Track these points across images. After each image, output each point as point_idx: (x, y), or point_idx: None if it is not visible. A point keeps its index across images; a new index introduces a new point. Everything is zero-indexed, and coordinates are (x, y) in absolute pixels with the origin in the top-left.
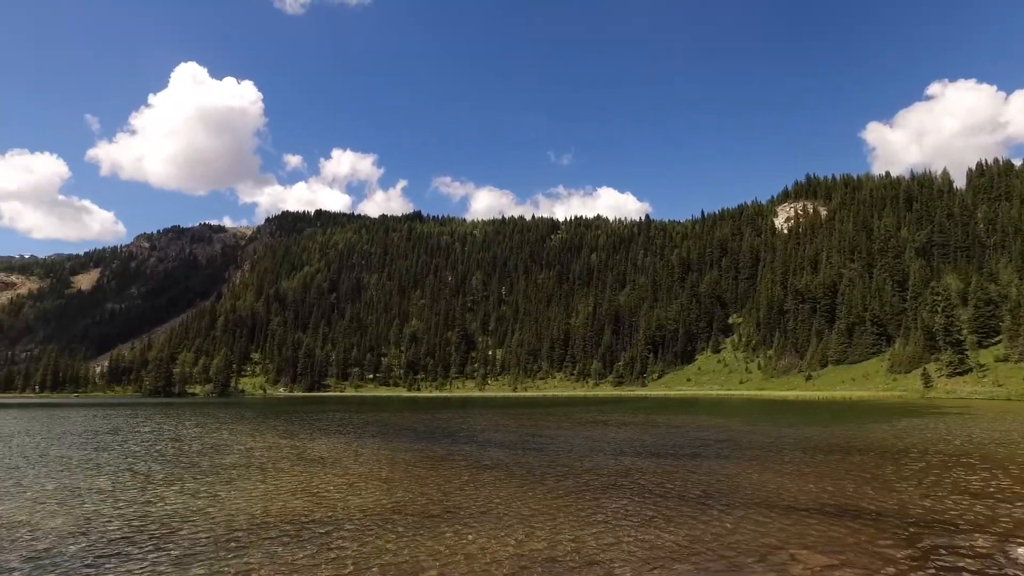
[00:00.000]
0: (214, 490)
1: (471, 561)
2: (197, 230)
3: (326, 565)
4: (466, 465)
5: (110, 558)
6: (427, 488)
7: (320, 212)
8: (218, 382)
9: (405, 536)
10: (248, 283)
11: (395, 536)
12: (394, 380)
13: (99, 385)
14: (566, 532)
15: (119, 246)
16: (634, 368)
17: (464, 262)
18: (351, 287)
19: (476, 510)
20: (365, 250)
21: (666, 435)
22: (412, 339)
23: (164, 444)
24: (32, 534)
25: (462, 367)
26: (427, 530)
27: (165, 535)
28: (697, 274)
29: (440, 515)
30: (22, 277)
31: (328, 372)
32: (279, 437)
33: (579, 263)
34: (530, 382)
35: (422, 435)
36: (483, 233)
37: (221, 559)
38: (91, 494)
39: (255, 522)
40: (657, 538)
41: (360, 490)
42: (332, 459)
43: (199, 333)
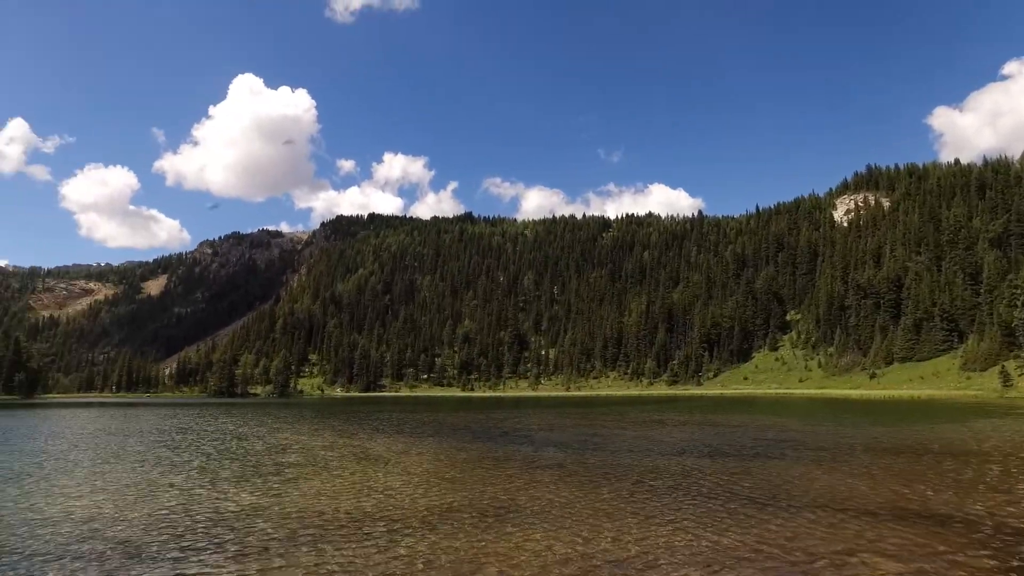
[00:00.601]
0: (279, 488)
1: (535, 560)
2: (256, 236)
3: (391, 562)
4: (524, 465)
5: (186, 550)
6: (487, 487)
7: (373, 215)
8: (278, 383)
9: (467, 534)
10: (305, 286)
11: (458, 534)
12: (448, 380)
13: (168, 386)
14: (629, 532)
15: (184, 253)
16: (689, 367)
17: (516, 262)
18: (404, 289)
19: (537, 510)
20: (418, 252)
21: (725, 435)
22: (465, 339)
23: (230, 443)
24: (117, 525)
25: (515, 367)
26: (489, 529)
27: (236, 530)
28: (752, 270)
29: (501, 514)
30: (99, 284)
31: (383, 372)
32: (339, 436)
33: (631, 261)
34: (583, 382)
35: (479, 435)
36: (534, 233)
37: (290, 554)
38: (166, 489)
39: (320, 519)
40: (722, 540)
41: (421, 488)
42: (392, 458)
43: (259, 335)
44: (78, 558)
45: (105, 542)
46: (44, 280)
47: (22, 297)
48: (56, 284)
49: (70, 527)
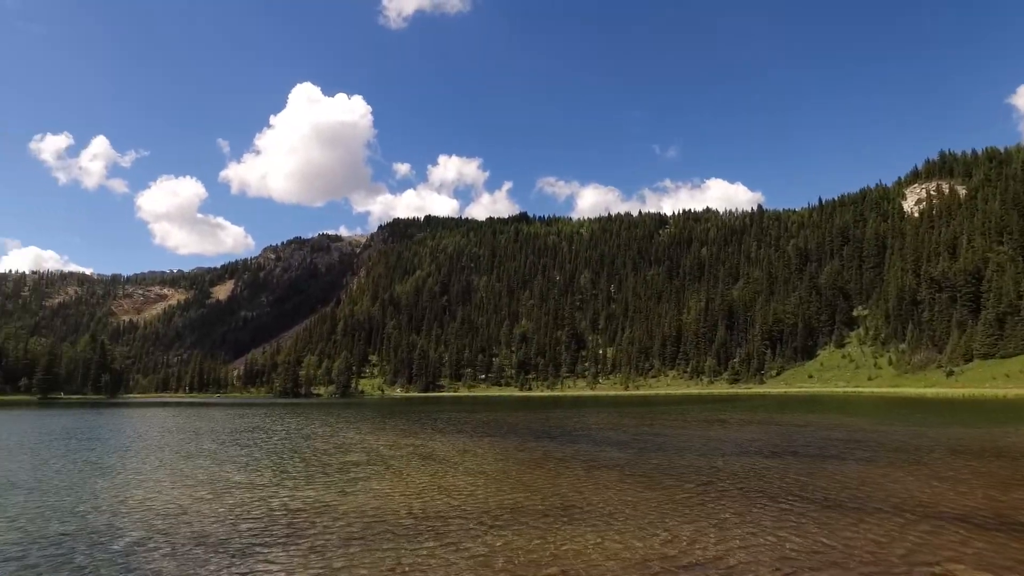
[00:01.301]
0: (345, 486)
1: (599, 561)
2: (316, 240)
3: (461, 560)
4: (587, 464)
5: (258, 544)
6: (548, 487)
7: (429, 218)
8: (339, 383)
9: (529, 534)
10: (364, 289)
11: (520, 534)
12: (506, 380)
13: (236, 386)
14: (691, 534)
15: (249, 258)
16: (750, 365)
17: (572, 261)
18: (461, 289)
19: (599, 510)
20: (474, 253)
21: (793, 434)
22: (522, 339)
23: (297, 442)
24: (193, 518)
25: (573, 366)
26: (551, 529)
27: (305, 526)
28: (816, 264)
29: (563, 514)
30: (172, 289)
31: (442, 373)
32: (401, 436)
33: (689, 258)
34: (642, 380)
35: (540, 434)
36: (590, 231)
37: (358, 551)
38: (236, 486)
39: (386, 517)
40: (789, 544)
41: (481, 488)
42: (453, 457)
43: (321, 337)
44: (158, 548)
45: (182, 534)
46: (124, 287)
47: (105, 303)
48: (134, 290)
49: (151, 518)
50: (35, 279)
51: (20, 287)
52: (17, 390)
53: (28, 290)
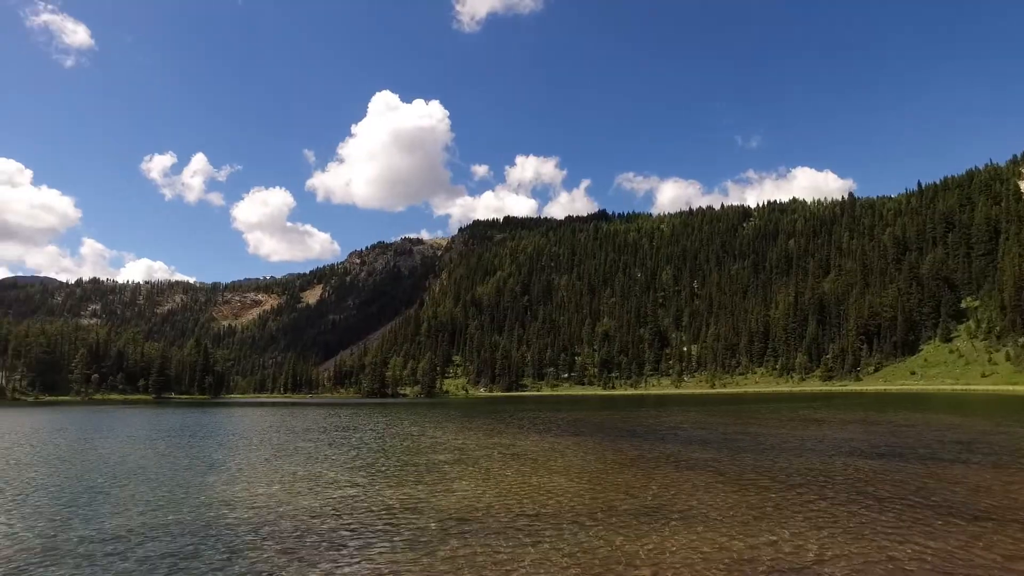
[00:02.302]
0: (435, 483)
1: (694, 562)
2: (399, 244)
3: (553, 557)
4: (674, 464)
5: (354, 538)
6: (638, 486)
7: (508, 218)
8: (424, 383)
9: (617, 533)
10: (446, 290)
11: (607, 532)
12: (588, 379)
13: (327, 387)
14: (789, 537)
15: (336, 263)
16: (845, 361)
17: (653, 257)
18: (542, 289)
19: (692, 511)
20: (553, 252)
21: (896, 435)
22: (604, 338)
23: (387, 441)
24: (292, 513)
25: (656, 364)
26: (638, 528)
27: (397, 522)
28: (916, 253)
29: (654, 514)
30: (265, 295)
31: (524, 372)
32: (487, 435)
33: (775, 250)
34: (728, 378)
35: (623, 433)
36: (670, 226)
37: (446, 546)
38: (333, 482)
39: (473, 514)
40: (896, 553)
41: (568, 486)
42: (540, 456)
43: (406, 339)
44: (262, 539)
45: (284, 526)
46: (223, 294)
47: (207, 309)
48: (232, 297)
49: (255, 511)
50: (148, 288)
51: (136, 296)
52: (136, 390)
53: (142, 298)
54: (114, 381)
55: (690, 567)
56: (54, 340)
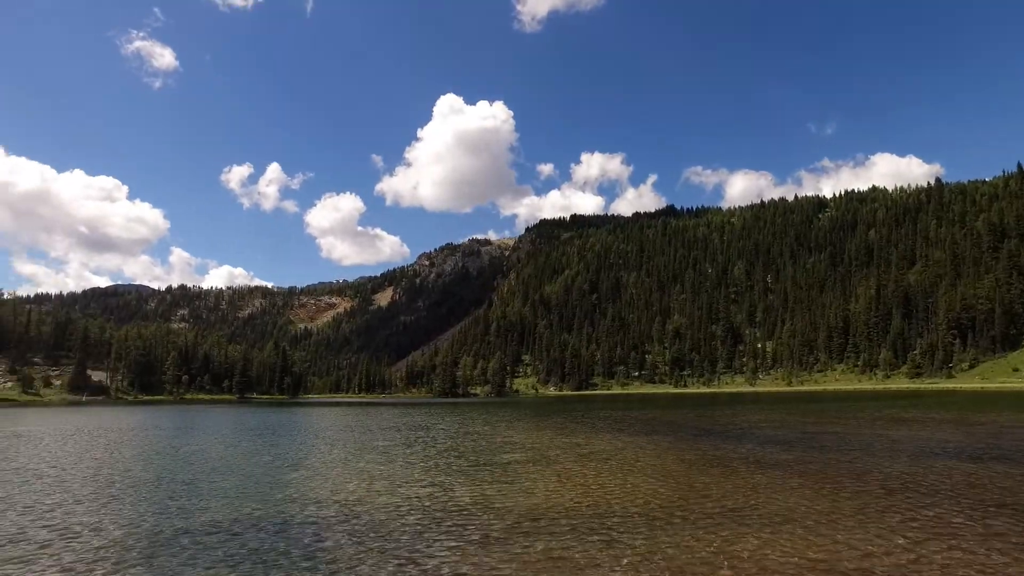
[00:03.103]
0: (508, 482)
1: (773, 567)
2: (467, 245)
3: (626, 558)
4: (750, 464)
5: (429, 535)
6: (712, 486)
7: (575, 216)
8: (494, 383)
9: (690, 535)
10: (515, 290)
11: (680, 534)
12: (659, 377)
13: (399, 387)
14: (876, 544)
15: (405, 266)
16: (935, 357)
17: (724, 252)
18: (610, 287)
19: (769, 513)
20: (621, 249)
21: (998, 436)
22: (675, 335)
23: (459, 440)
24: (370, 509)
25: (729, 361)
26: (718, 530)
27: (471, 520)
28: (1016, 241)
29: (730, 515)
30: (339, 298)
31: (594, 371)
32: (558, 434)
33: (854, 242)
34: (806, 375)
35: (696, 433)
36: (741, 220)
37: (522, 545)
38: (407, 480)
39: (544, 513)
40: (992, 563)
41: (641, 487)
42: (610, 455)
43: (476, 339)
44: (339, 534)
45: (361, 522)
46: (299, 297)
47: (284, 313)
48: (307, 300)
49: (333, 507)
50: (230, 293)
51: (219, 301)
52: (221, 390)
53: (225, 303)
54: (202, 382)
55: (769, 571)
56: (149, 343)
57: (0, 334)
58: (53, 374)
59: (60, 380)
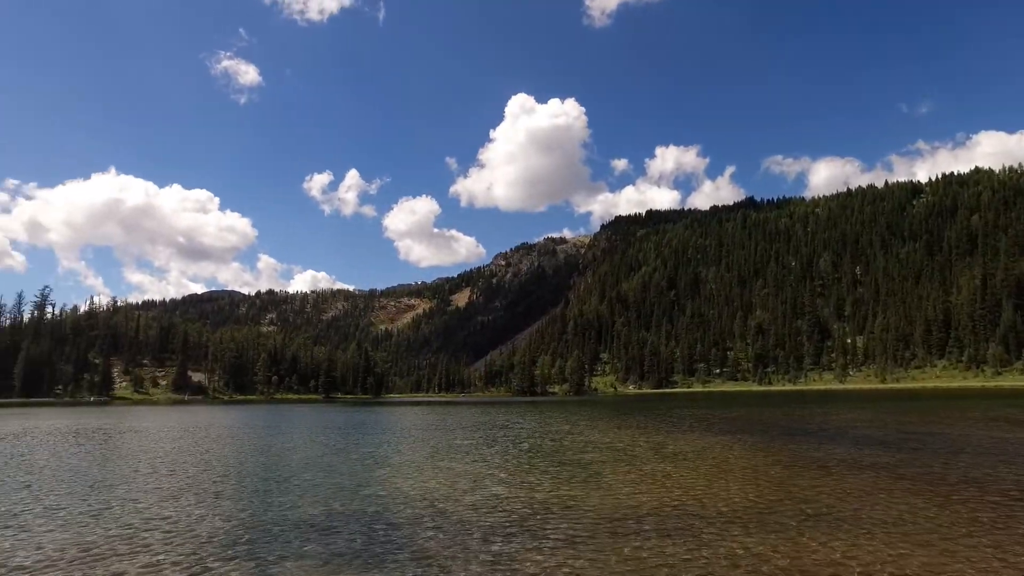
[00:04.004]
0: (587, 481)
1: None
2: (542, 244)
3: (713, 560)
4: (843, 465)
5: (512, 534)
6: (799, 489)
7: (650, 212)
8: (573, 382)
9: (786, 540)
10: (591, 288)
11: (776, 537)
12: (742, 374)
13: (478, 386)
14: (994, 558)
15: (482, 266)
16: None
17: (808, 244)
18: (689, 283)
19: (866, 519)
20: (699, 244)
21: None
22: (758, 331)
23: (539, 439)
24: (455, 507)
25: (817, 358)
26: (811, 535)
27: (554, 519)
28: None
29: (823, 520)
30: (417, 300)
31: (674, 369)
32: (638, 433)
33: (954, 228)
34: (902, 372)
35: (786, 432)
36: (827, 210)
37: (604, 546)
38: (490, 478)
39: (630, 514)
40: None
41: (726, 487)
42: (696, 455)
43: (553, 337)
44: (425, 530)
45: (447, 519)
46: (379, 300)
47: (366, 315)
48: (387, 302)
49: (418, 504)
50: (314, 297)
51: (304, 305)
52: (308, 390)
53: (310, 307)
54: (290, 382)
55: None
56: (241, 346)
57: (115, 338)
58: (159, 374)
59: (165, 380)
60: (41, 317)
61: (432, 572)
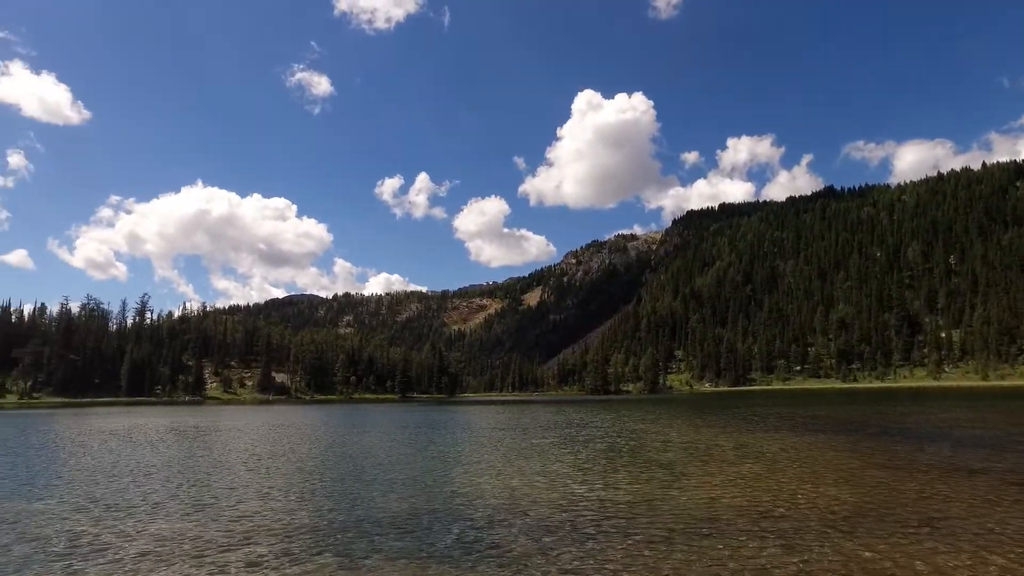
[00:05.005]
0: (667, 480)
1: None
2: (613, 241)
3: (805, 563)
4: (944, 468)
5: (593, 533)
6: (894, 491)
7: (723, 205)
8: (647, 380)
9: (888, 544)
10: (664, 284)
11: (875, 542)
12: (824, 371)
13: (551, 385)
14: None
15: (552, 265)
16: None
17: (894, 233)
18: (765, 277)
19: (974, 524)
20: (776, 237)
21: None
22: (841, 325)
23: (615, 438)
24: (533, 506)
25: (907, 353)
26: (914, 540)
27: (634, 519)
28: None
29: (926, 524)
30: (489, 300)
31: (752, 366)
32: (717, 432)
33: None
34: (1007, 368)
35: (879, 432)
36: (914, 196)
37: (686, 546)
38: (567, 477)
39: (712, 513)
40: None
41: (815, 489)
42: (779, 456)
43: (626, 335)
44: (507, 528)
45: (528, 517)
46: (451, 300)
47: (439, 316)
48: (460, 303)
49: (496, 502)
50: (388, 299)
51: (379, 307)
52: (384, 390)
53: (384, 309)
54: (367, 382)
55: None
56: (320, 348)
57: (205, 341)
58: (245, 375)
59: (251, 381)
60: (142, 323)
61: (514, 569)
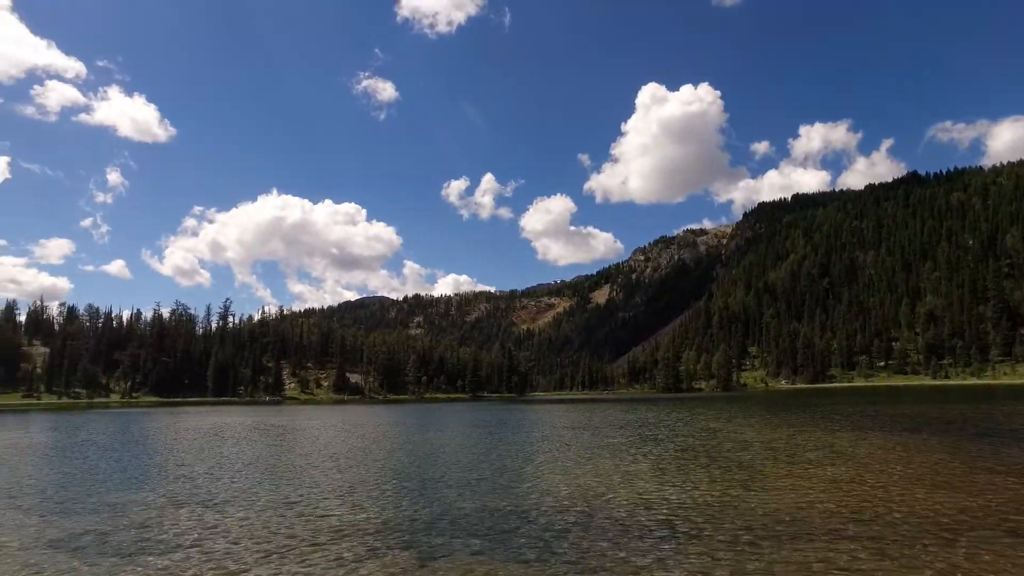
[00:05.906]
0: (745, 481)
1: None
2: (681, 237)
3: (886, 572)
4: None
5: (671, 533)
6: (996, 498)
7: (797, 196)
8: (720, 377)
9: (983, 552)
10: (736, 279)
11: (970, 551)
12: (911, 367)
13: (621, 383)
14: None
15: (620, 262)
16: None
17: (989, 220)
18: (844, 269)
19: None
20: (854, 227)
21: None
22: (930, 318)
23: (688, 437)
24: (607, 506)
25: (1007, 348)
26: (1012, 549)
27: (711, 519)
28: None
29: None
30: (557, 299)
31: (831, 362)
32: (796, 431)
33: None
34: None
35: (979, 433)
36: (1012, 179)
37: (770, 550)
38: (641, 476)
39: (795, 515)
40: None
41: (910, 493)
42: (864, 456)
43: (697, 332)
44: (583, 526)
45: (601, 517)
46: (519, 300)
47: (507, 315)
48: (528, 302)
49: (573, 501)
50: (457, 300)
51: (448, 308)
52: (455, 389)
53: (453, 309)
54: (438, 382)
55: None
56: (392, 349)
57: (283, 343)
58: (321, 376)
59: (327, 381)
60: (225, 326)
61: (589, 569)
